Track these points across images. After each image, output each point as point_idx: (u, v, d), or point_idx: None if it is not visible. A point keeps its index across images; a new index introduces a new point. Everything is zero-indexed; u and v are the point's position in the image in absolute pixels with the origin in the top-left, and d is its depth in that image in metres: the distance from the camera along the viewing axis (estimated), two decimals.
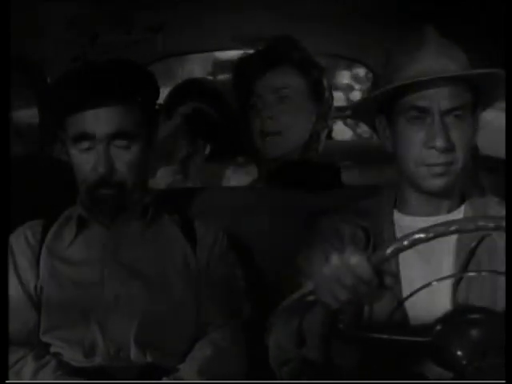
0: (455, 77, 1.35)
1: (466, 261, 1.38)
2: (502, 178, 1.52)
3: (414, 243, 1.08)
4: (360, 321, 1.35)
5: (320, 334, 1.18)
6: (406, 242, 1.08)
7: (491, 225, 1.06)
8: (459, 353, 1.13)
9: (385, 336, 1.16)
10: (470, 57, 1.40)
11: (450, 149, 1.35)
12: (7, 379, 1.35)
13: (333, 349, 1.20)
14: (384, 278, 1.10)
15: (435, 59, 1.37)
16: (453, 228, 1.06)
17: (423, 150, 1.37)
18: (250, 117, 1.96)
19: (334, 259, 1.11)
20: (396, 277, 1.10)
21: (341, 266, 1.10)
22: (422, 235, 1.07)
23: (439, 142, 1.35)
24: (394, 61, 1.42)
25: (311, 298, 1.20)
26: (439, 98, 1.35)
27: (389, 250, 1.09)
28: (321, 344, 1.19)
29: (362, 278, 1.08)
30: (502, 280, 1.18)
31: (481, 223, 1.06)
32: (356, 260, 1.09)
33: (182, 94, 2.23)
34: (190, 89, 2.26)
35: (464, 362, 1.13)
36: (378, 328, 1.21)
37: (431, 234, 1.07)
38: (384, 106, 1.44)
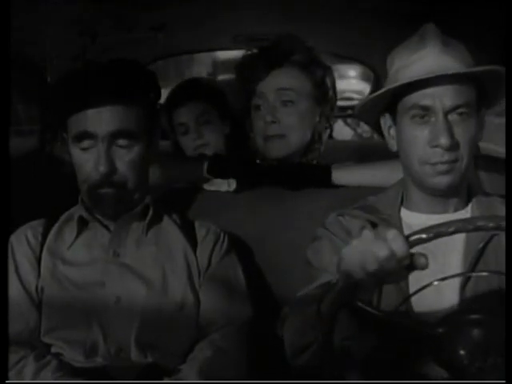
0: (459, 74, 1.35)
1: (474, 260, 1.38)
2: (502, 178, 1.52)
3: (416, 243, 1.08)
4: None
5: (331, 306, 1.16)
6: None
7: (491, 225, 1.06)
8: (461, 352, 1.12)
9: (396, 319, 1.15)
10: (472, 55, 1.40)
11: (454, 147, 1.36)
12: (7, 379, 1.35)
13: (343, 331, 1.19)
14: (417, 258, 1.06)
15: (439, 57, 1.37)
16: (452, 228, 1.06)
17: (427, 148, 1.37)
18: (254, 118, 1.95)
19: (368, 233, 1.08)
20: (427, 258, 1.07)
21: (376, 238, 1.06)
22: (423, 235, 1.07)
23: (443, 140, 1.35)
24: (397, 60, 1.42)
25: (326, 286, 1.19)
26: (442, 96, 1.35)
27: (425, 235, 1.07)
28: (329, 318, 1.16)
29: (396, 253, 1.04)
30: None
31: (480, 223, 1.06)
32: (393, 234, 1.05)
33: (183, 94, 2.22)
34: (191, 89, 2.25)
35: (466, 362, 1.13)
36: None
37: (431, 235, 1.07)
38: (388, 105, 1.44)
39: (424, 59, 1.38)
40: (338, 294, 1.14)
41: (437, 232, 1.06)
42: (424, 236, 1.07)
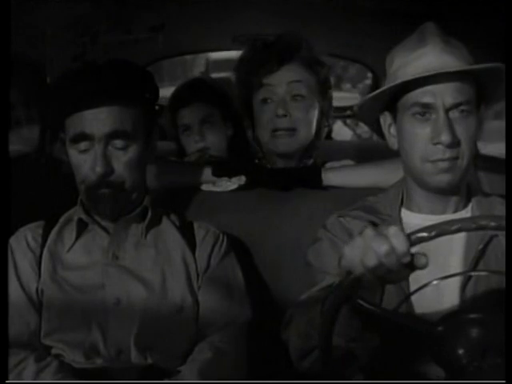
0: (459, 72, 1.36)
1: (475, 261, 1.38)
2: (501, 178, 1.52)
3: (418, 241, 1.07)
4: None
5: (332, 303, 1.15)
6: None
7: (492, 224, 1.06)
8: (460, 352, 1.12)
9: (396, 317, 1.14)
10: (472, 54, 1.41)
11: (455, 144, 1.36)
12: (7, 379, 1.35)
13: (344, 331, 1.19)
14: (418, 257, 1.07)
15: (439, 55, 1.37)
16: (455, 227, 1.06)
17: (429, 145, 1.38)
18: (260, 111, 1.92)
19: (369, 231, 1.09)
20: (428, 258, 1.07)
21: (377, 235, 1.07)
22: (425, 234, 1.07)
23: (445, 137, 1.35)
24: (397, 58, 1.43)
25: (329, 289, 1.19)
26: (444, 94, 1.36)
27: (426, 233, 1.07)
28: (329, 315, 1.16)
29: (396, 249, 1.05)
30: None
31: (482, 222, 1.06)
32: (394, 230, 1.06)
33: (188, 95, 2.22)
34: (196, 89, 2.25)
35: (464, 361, 1.12)
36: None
37: (433, 233, 1.06)
38: (388, 103, 1.44)
39: (424, 57, 1.38)
40: (339, 291, 1.13)
41: (439, 230, 1.06)
42: (426, 234, 1.07)
